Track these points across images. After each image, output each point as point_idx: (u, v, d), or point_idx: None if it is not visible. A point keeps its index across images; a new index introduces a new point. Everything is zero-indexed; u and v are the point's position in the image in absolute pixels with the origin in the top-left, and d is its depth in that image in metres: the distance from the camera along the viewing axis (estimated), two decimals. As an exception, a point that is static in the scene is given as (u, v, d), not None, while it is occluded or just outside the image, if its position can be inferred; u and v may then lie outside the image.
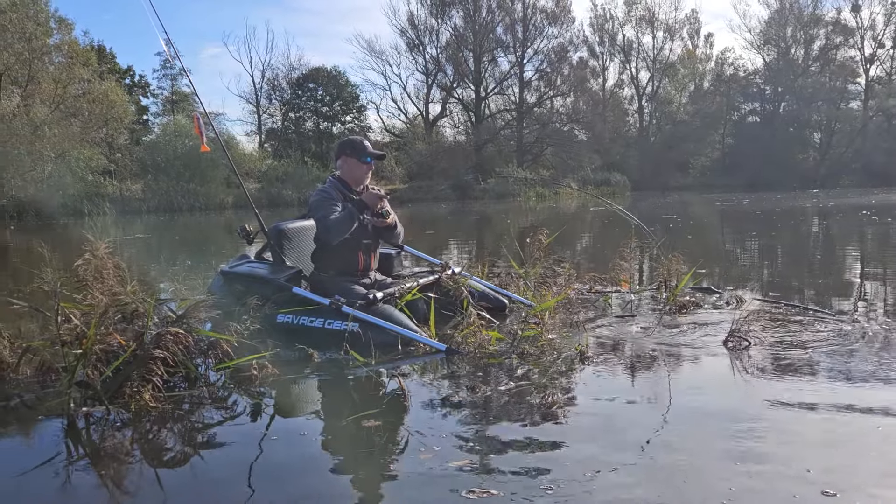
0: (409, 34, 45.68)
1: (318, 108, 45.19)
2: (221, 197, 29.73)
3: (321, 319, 3.81)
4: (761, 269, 7.76)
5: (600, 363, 3.40)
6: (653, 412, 2.77)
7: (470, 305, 3.78)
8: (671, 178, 45.48)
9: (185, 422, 2.81)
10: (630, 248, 5.72)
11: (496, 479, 2.12)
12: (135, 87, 40.78)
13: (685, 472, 2.18)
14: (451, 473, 2.18)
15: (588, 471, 2.16)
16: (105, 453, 2.54)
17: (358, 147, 4.27)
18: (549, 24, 45.90)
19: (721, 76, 51.92)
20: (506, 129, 46.27)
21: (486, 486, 2.07)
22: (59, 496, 2.20)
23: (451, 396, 3.00)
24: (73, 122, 29.70)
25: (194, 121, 4.49)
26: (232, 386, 3.20)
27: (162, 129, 35.67)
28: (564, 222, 17.58)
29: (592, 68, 50.88)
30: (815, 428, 2.56)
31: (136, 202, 28.36)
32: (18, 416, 2.88)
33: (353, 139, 4.36)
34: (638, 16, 50.90)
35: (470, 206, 27.14)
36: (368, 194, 4.20)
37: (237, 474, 2.29)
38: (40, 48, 30.09)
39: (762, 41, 50.81)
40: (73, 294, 3.17)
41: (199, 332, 3.20)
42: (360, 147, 4.27)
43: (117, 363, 2.85)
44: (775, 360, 3.40)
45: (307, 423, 2.85)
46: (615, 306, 4.88)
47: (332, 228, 4.02)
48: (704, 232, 13.72)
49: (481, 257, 6.72)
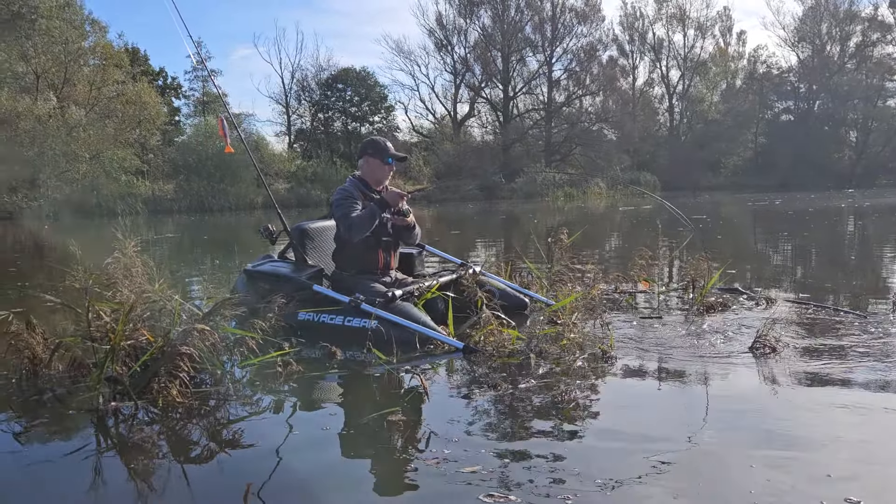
0: (437, 34, 45.81)
1: (346, 108, 45.47)
2: (251, 197, 30.08)
3: (341, 317, 3.86)
4: (792, 270, 7.63)
5: (624, 365, 3.37)
6: (676, 417, 2.73)
7: (485, 305, 3.78)
8: (702, 178, 44.90)
9: (211, 417, 2.85)
10: (656, 249, 5.66)
11: (514, 483, 2.11)
12: (167, 88, 41.44)
13: (707, 478, 2.16)
14: (470, 475, 2.17)
15: (609, 478, 2.14)
16: (133, 447, 2.59)
17: (380, 148, 4.31)
18: (579, 22, 45.67)
19: (754, 74, 51.10)
20: (534, 129, 46.09)
21: (504, 490, 2.06)
22: (87, 488, 2.25)
23: (472, 395, 3.01)
24: (107, 123, 30.35)
25: (219, 123, 4.57)
26: (257, 383, 3.24)
27: (193, 129, 36.20)
28: (592, 222, 17.47)
29: (622, 67, 50.45)
30: (842, 433, 2.51)
31: (168, 202, 28.83)
32: (50, 410, 2.95)
33: (376, 140, 4.40)
34: (668, 14, 50.36)
35: (497, 206, 27.09)
36: (389, 193, 4.24)
37: (260, 469, 2.32)
38: (75, 51, 30.81)
39: (796, 38, 49.90)
40: (103, 291, 3.24)
41: (224, 330, 3.25)
42: (382, 148, 4.31)
43: (144, 358, 2.90)
44: (802, 363, 3.34)
45: (329, 420, 2.86)
46: (641, 307, 4.84)
47: (353, 226, 4.07)
48: (735, 232, 13.53)
49: (505, 257, 6.71)
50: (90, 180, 28.22)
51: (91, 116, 29.90)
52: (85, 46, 32.30)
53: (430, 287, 4.19)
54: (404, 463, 2.33)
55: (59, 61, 30.37)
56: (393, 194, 4.22)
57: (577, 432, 2.56)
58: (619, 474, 2.15)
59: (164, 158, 32.87)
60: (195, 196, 29.32)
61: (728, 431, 2.56)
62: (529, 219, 18.38)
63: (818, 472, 2.15)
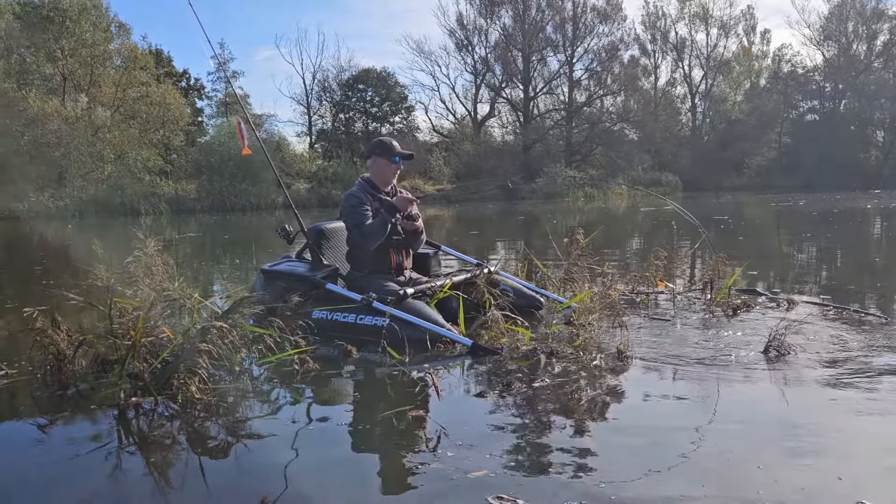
0: (457, 34, 45.81)
1: (367, 108, 45.62)
2: (272, 197, 30.31)
3: (353, 315, 3.92)
4: (814, 271, 7.55)
5: (639, 365, 3.37)
6: (689, 420, 2.71)
7: (494, 304, 3.81)
8: (725, 179, 44.39)
9: (229, 414, 2.90)
10: (675, 250, 5.63)
11: (523, 485, 2.12)
12: (190, 89, 41.87)
13: (716, 480, 2.17)
14: (479, 477, 2.18)
15: (621, 480, 2.14)
16: (153, 441, 2.65)
17: (387, 147, 4.38)
18: (600, 22, 45.41)
19: (778, 73, 50.45)
20: (554, 129, 45.93)
21: (515, 492, 2.06)
22: (108, 481, 2.31)
23: (483, 395, 3.04)
24: (132, 124, 30.78)
25: (237, 125, 4.64)
26: (274, 380, 3.29)
27: (216, 130, 36.54)
28: (612, 223, 17.39)
29: (644, 66, 50.04)
30: (854, 436, 2.50)
31: (191, 202, 29.14)
32: (73, 405, 3.02)
33: (383, 140, 4.48)
34: (691, 13, 49.88)
35: (517, 207, 27.04)
36: (399, 198, 4.29)
37: (277, 465, 2.37)
38: (101, 53, 31.29)
39: (822, 37, 49.19)
40: (125, 289, 3.31)
41: (242, 328, 3.30)
42: (388, 147, 4.38)
43: (164, 355, 2.97)
44: (817, 365, 3.32)
45: (342, 418, 2.91)
46: (658, 308, 4.83)
47: (367, 235, 4.14)
48: (756, 233, 13.40)
49: (522, 257, 6.71)
50: (115, 180, 28.65)
51: (116, 117, 30.35)
52: (111, 48, 32.81)
53: (443, 286, 4.22)
54: (414, 462, 2.36)
55: (85, 63, 30.88)
56: (402, 199, 4.27)
57: (590, 433, 2.57)
58: (630, 476, 2.16)
59: (187, 159, 33.22)
60: (217, 196, 29.60)
61: (739, 434, 2.55)
62: (549, 219, 18.33)
63: (830, 475, 2.14)
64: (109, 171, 29.19)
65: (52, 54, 30.00)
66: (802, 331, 3.97)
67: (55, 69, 30.51)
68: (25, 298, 5.04)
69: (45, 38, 29.74)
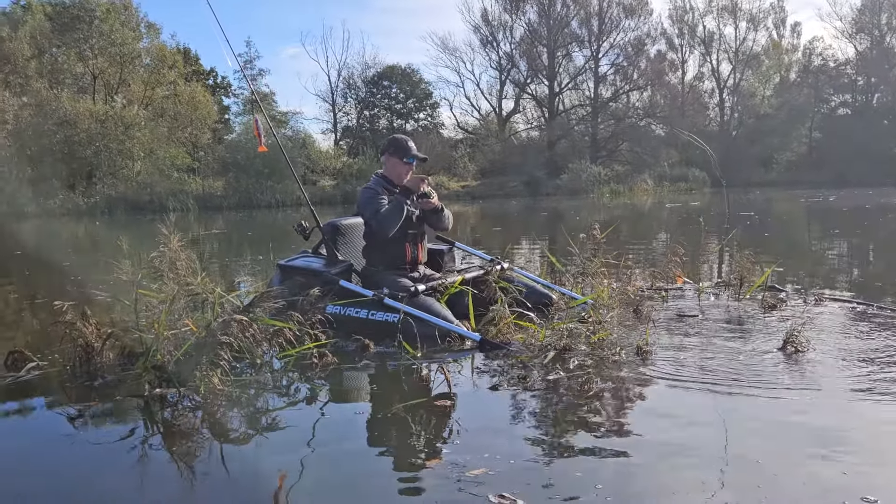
0: (482, 30, 45.65)
1: (392, 105, 45.76)
2: (297, 194, 30.52)
3: (365, 311, 4.01)
4: (840, 268, 7.44)
5: (657, 364, 3.34)
6: (703, 419, 2.70)
7: (502, 300, 3.84)
8: (754, 174, 43.67)
9: (250, 405, 2.98)
10: (701, 246, 5.59)
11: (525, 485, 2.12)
12: (217, 87, 42.35)
13: (729, 479, 2.17)
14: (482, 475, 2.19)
15: (627, 483, 2.15)
16: (176, 431, 2.74)
17: (401, 147, 4.41)
18: (626, 16, 44.95)
19: (809, 67, 49.55)
20: (580, 125, 45.64)
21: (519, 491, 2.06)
22: (133, 467, 2.40)
23: (491, 390, 3.08)
24: (161, 122, 31.26)
25: (254, 123, 4.72)
26: (294, 373, 3.37)
27: (243, 128, 36.91)
28: (638, 219, 17.28)
29: (671, 61, 49.41)
30: (867, 434, 2.49)
31: (218, 199, 29.48)
32: (101, 395, 3.13)
33: (398, 138, 4.50)
34: (719, 6, 49.11)
35: (541, 203, 26.95)
36: (411, 178, 4.34)
37: (295, 455, 2.43)
38: (131, 52, 31.82)
39: (854, 29, 48.18)
40: (150, 284, 3.41)
41: (263, 321, 3.38)
42: (402, 147, 4.41)
43: (186, 347, 3.05)
44: (837, 362, 3.31)
45: (357, 411, 2.99)
46: (679, 304, 4.81)
47: (383, 220, 4.17)
48: (783, 229, 13.22)
49: (540, 253, 6.72)
50: (144, 177, 29.14)
51: (145, 115, 30.83)
52: (140, 47, 33.33)
53: (454, 282, 4.27)
54: (417, 458, 2.38)
55: (114, 62, 31.41)
56: (414, 179, 4.32)
57: (598, 433, 2.57)
58: (637, 478, 2.18)
59: (214, 156, 33.61)
60: (243, 192, 29.90)
61: (755, 431, 2.55)
62: (572, 216, 18.26)
63: (835, 470, 2.15)
64: (138, 169, 29.69)
65: (82, 53, 30.58)
66: (823, 327, 3.94)
67: (85, 68, 31.09)
68: (55, 293, 5.17)
69: (75, 38, 30.32)
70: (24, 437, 2.79)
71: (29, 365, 3.50)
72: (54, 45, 31.27)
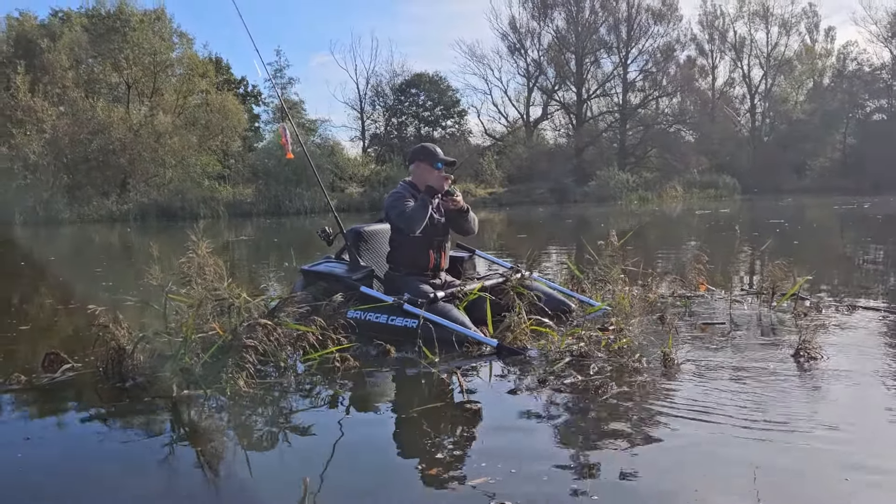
0: (510, 38, 45.66)
1: (419, 113, 45.98)
2: (325, 201, 30.86)
3: (385, 316, 4.08)
4: (871, 277, 7.32)
5: (678, 371, 3.33)
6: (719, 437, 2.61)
7: (520, 307, 3.88)
8: (786, 181, 43.06)
9: (274, 407, 3.06)
10: (732, 254, 5.53)
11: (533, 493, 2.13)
12: (248, 96, 42.96)
13: (744, 485, 2.18)
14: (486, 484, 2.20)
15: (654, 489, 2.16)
16: (202, 432, 2.83)
17: (430, 153, 4.48)
18: (655, 22, 44.64)
19: (843, 72, 48.69)
20: (608, 131, 45.40)
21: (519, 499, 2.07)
22: (160, 468, 2.48)
23: (507, 395, 3.12)
24: (192, 130, 31.82)
25: (280, 131, 4.84)
26: (317, 376, 3.44)
27: (273, 136, 37.36)
28: (667, 226, 17.14)
29: (701, 67, 48.90)
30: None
31: (247, 205, 29.89)
32: (131, 396, 3.24)
33: (426, 146, 4.58)
34: (751, 11, 48.54)
35: (568, 210, 26.85)
36: (434, 177, 4.37)
37: (318, 456, 2.50)
38: (164, 62, 32.47)
39: (889, 34, 47.19)
40: (179, 289, 3.51)
41: (287, 326, 3.46)
42: (431, 153, 4.48)
43: (212, 350, 3.14)
44: (851, 372, 3.28)
45: (377, 415, 3.05)
46: (703, 312, 4.78)
47: (410, 218, 4.24)
48: (814, 237, 13.01)
49: (561, 260, 6.72)
50: (176, 185, 29.68)
51: (177, 124, 31.41)
52: (173, 57, 33.99)
53: (473, 289, 4.32)
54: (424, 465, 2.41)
55: (148, 72, 32.08)
56: (437, 177, 4.36)
57: (612, 447, 2.55)
58: (647, 491, 2.19)
59: (245, 163, 34.10)
60: (273, 199, 30.28)
61: (775, 440, 2.54)
62: (597, 223, 18.17)
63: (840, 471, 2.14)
64: (170, 176, 30.25)
65: (117, 63, 31.27)
66: (845, 336, 3.91)
67: (120, 78, 31.80)
68: (88, 298, 5.33)
69: (111, 48, 31.02)
70: (59, 435, 2.89)
71: (64, 367, 3.63)
72: (90, 55, 32.03)
